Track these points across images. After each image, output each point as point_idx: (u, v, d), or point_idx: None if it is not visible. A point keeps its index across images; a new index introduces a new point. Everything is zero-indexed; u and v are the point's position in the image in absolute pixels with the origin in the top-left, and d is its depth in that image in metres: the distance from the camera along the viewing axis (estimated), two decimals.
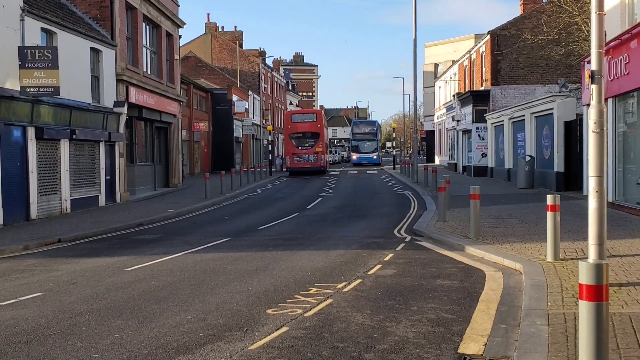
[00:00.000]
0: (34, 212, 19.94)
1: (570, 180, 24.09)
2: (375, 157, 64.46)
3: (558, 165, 24.76)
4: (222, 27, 72.04)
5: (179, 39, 36.70)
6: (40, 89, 18.98)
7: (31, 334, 7.45)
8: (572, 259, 10.60)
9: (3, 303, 9.12)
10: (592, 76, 8.38)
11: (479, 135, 37.81)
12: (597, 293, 4.62)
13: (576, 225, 14.38)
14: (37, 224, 18.95)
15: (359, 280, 10.07)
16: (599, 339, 4.67)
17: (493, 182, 32.34)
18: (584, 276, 4.66)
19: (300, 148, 46.48)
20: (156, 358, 6.49)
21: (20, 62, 18.71)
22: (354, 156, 65.63)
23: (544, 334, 6.65)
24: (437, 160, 59.69)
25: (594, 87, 8.38)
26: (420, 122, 77.46)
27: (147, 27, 31.05)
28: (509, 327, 7.30)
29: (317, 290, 9.38)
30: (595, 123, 8.36)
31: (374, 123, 70.88)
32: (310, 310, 8.21)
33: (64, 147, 21.86)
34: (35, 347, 6.94)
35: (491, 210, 18.51)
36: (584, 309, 4.72)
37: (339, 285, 9.69)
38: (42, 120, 20.31)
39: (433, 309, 8.18)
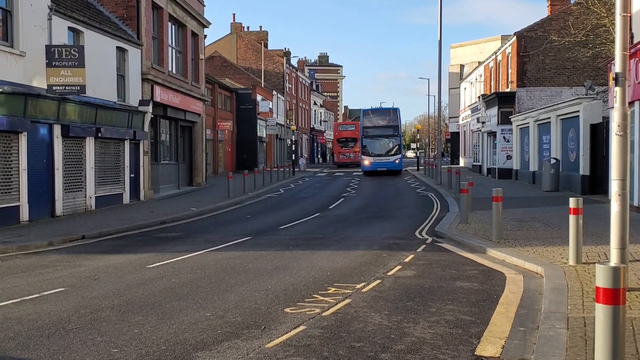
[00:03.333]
0: (59, 208, 20.21)
1: (596, 183, 23.83)
2: (397, 161, 45.96)
3: (583, 168, 24.50)
4: (248, 27, 72.40)
5: (205, 38, 36.95)
6: (66, 87, 19.24)
7: (52, 328, 7.57)
8: (595, 262, 10.48)
9: (26, 297, 9.27)
10: (616, 78, 8.31)
11: (504, 137, 37.54)
12: (614, 296, 4.57)
13: (600, 229, 14.22)
14: (62, 221, 19.21)
15: (378, 281, 10.06)
16: (615, 343, 4.63)
17: (518, 184, 32.10)
18: (601, 279, 4.62)
19: (344, 148, 62.53)
20: (174, 354, 6.56)
21: (47, 61, 18.99)
22: (366, 161, 45.88)
23: (562, 337, 6.61)
24: (462, 162, 59.33)
25: (617, 89, 8.30)
26: (445, 124, 77.13)
27: (173, 26, 31.31)
28: (528, 330, 7.26)
29: (335, 290, 9.39)
30: (618, 126, 8.28)
31: (395, 112, 49.13)
32: (328, 309, 8.24)
33: (90, 144, 22.13)
34: (56, 341, 7.05)
35: (514, 213, 18.37)
36: (601, 312, 4.68)
37: (358, 286, 9.70)
38: (68, 118, 20.59)
39: (451, 311, 8.15)
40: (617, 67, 8.29)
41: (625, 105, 8.29)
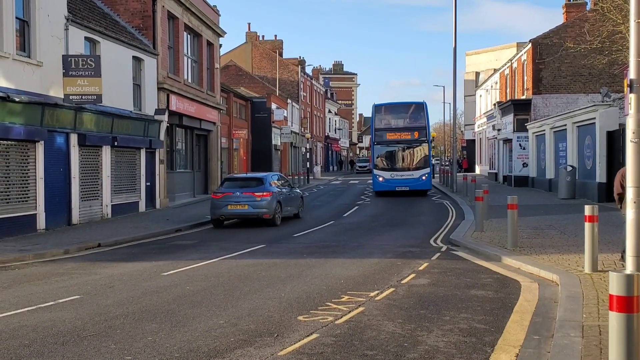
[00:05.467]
0: (75, 217, 20.37)
1: (613, 191, 23.57)
2: (423, 177, 32.60)
3: (600, 175, 24.30)
4: (263, 36, 72.63)
5: (220, 48, 37.17)
6: (83, 97, 19.42)
7: (67, 336, 7.62)
8: (611, 270, 10.38)
9: (42, 305, 9.34)
10: (631, 85, 8.26)
11: (520, 145, 37.34)
12: (628, 304, 4.54)
13: (616, 236, 14.04)
14: (79, 229, 19.35)
15: (391, 289, 10.03)
16: (629, 352, 4.58)
17: (534, 192, 31.88)
18: (614, 287, 4.59)
19: None
20: None
21: (64, 70, 19.18)
22: (380, 177, 32.98)
23: (577, 345, 6.55)
24: (478, 170, 59.07)
25: (632, 96, 8.24)
26: (461, 131, 76.94)
27: (189, 36, 31.53)
28: (542, 338, 7.20)
29: (349, 298, 9.38)
30: (633, 132, 8.22)
31: (420, 108, 34.40)
32: (342, 317, 8.22)
33: (106, 153, 22.31)
34: (70, 349, 7.10)
35: (530, 221, 18.26)
36: (614, 320, 4.64)
37: (372, 294, 9.67)
38: (85, 127, 20.77)
39: (466, 319, 8.11)
40: (631, 73, 8.24)
41: None
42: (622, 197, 11.12)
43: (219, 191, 20.84)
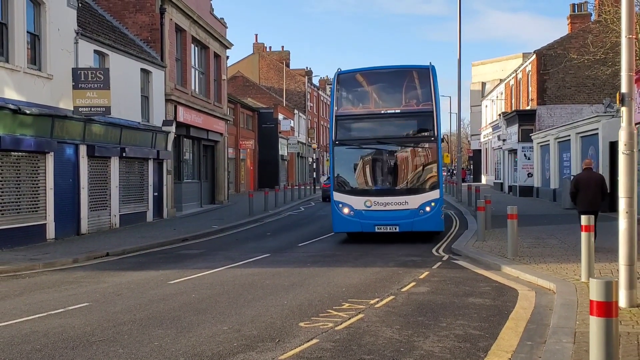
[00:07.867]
0: (84, 226, 20.69)
1: (615, 200, 23.73)
2: (428, 207, 17.44)
3: None
4: (270, 47, 73.19)
5: (227, 59, 37.58)
6: (92, 109, 19.78)
7: (77, 341, 7.90)
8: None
9: (53, 312, 9.63)
10: (622, 99, 8.53)
11: (524, 155, 37.56)
12: (607, 309, 4.78)
13: (616, 246, 14.19)
14: (87, 238, 19.67)
15: (391, 297, 10.28)
16: (608, 355, 4.82)
17: (538, 202, 32.06)
18: (594, 292, 4.84)
19: None
20: None
21: (73, 83, 19.57)
22: (343, 207, 17.61)
23: (568, 351, 6.78)
24: (484, 180, 59.20)
25: (624, 109, 8.52)
26: (467, 141, 77.10)
27: (196, 48, 31.94)
28: (535, 344, 7.43)
29: (349, 306, 9.63)
30: (625, 145, 8.48)
31: (425, 76, 17.91)
32: (341, 324, 8.48)
33: (114, 164, 22.65)
34: (80, 353, 7.38)
35: (532, 231, 18.46)
36: (594, 325, 4.89)
37: (372, 301, 9.93)
38: (94, 139, 21.13)
39: (461, 326, 8.35)
40: (623, 87, 8.51)
41: (632, 125, 8.49)
42: (574, 195, 14.55)
43: (326, 183, 36.42)
